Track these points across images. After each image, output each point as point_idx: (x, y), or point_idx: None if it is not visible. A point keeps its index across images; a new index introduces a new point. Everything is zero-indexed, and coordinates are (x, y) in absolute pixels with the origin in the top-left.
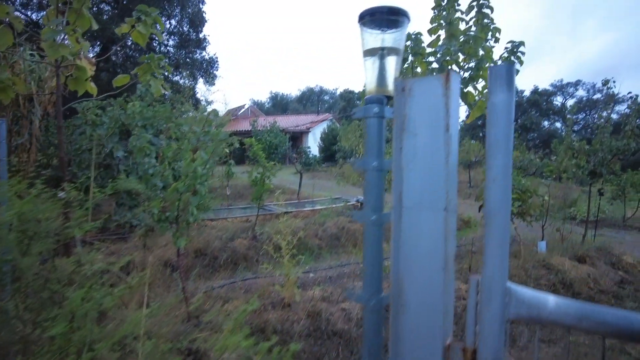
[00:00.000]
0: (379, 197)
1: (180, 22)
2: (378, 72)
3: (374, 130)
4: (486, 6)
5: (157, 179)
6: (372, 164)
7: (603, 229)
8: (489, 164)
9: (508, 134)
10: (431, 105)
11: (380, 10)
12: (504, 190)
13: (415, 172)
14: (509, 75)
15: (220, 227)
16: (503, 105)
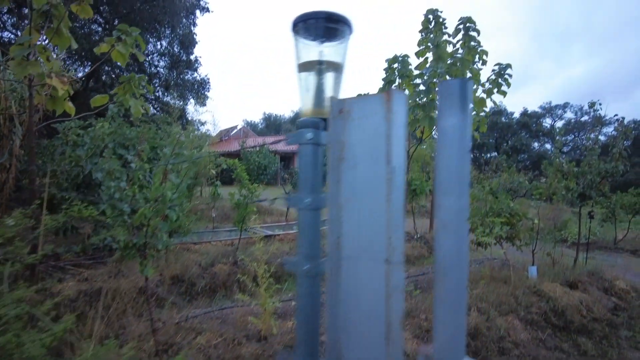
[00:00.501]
0: (314, 241)
1: (171, 43)
2: (315, 91)
3: (307, 159)
4: (473, 29)
5: (124, 203)
6: (305, 200)
7: (594, 251)
8: (438, 205)
9: (462, 167)
10: (372, 131)
11: (316, 17)
12: (458, 239)
13: (356, 212)
14: (463, 94)
15: (202, 251)
16: (455, 130)
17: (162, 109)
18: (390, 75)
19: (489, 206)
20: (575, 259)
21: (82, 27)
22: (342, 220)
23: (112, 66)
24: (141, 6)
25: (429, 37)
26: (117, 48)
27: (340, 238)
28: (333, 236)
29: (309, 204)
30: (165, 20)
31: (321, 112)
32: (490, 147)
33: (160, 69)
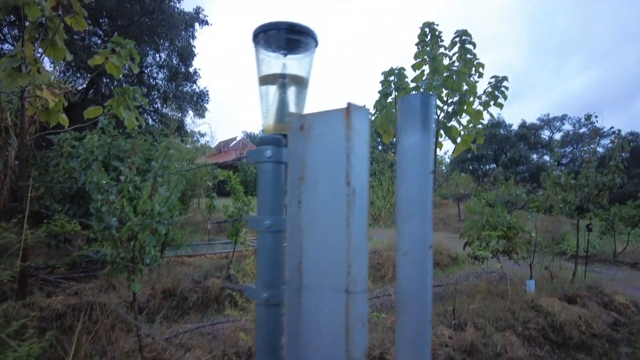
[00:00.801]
0: (274, 268)
1: (170, 55)
2: (277, 106)
3: (267, 178)
4: (469, 42)
5: (112, 216)
6: (265, 222)
7: (594, 264)
8: (399, 231)
9: (424, 190)
10: (333, 149)
11: (277, 27)
12: (421, 269)
13: (317, 236)
14: (425, 110)
15: (196, 264)
16: (416, 149)
17: (160, 121)
18: (386, 87)
19: (485, 219)
20: (574, 273)
21: (82, 39)
22: (303, 245)
23: (110, 78)
24: (140, 19)
25: (425, 49)
26: (111, 60)
27: (301, 264)
28: (293, 262)
29: (268, 227)
30: (164, 33)
31: (283, 128)
32: (488, 159)
33: (159, 81)
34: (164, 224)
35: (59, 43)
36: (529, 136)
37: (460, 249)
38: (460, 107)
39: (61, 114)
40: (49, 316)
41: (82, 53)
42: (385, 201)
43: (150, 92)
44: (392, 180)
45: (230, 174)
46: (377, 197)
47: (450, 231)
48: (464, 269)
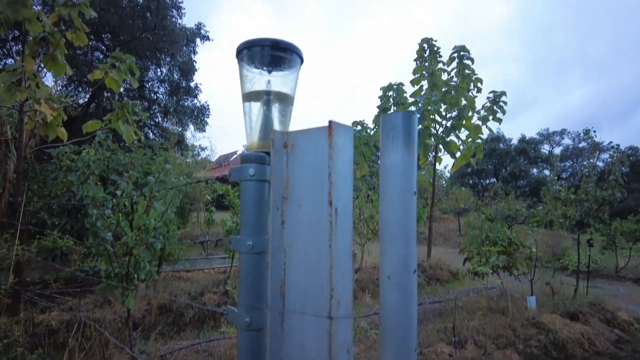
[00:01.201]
0: (257, 290)
1: (171, 70)
2: (262, 123)
3: (250, 197)
4: (467, 57)
5: (107, 231)
6: (247, 243)
7: (595, 279)
8: (383, 253)
9: (407, 211)
10: (316, 168)
11: (261, 44)
12: (405, 293)
13: (300, 257)
14: (408, 128)
15: (193, 280)
16: (398, 168)
17: (161, 135)
18: (385, 102)
19: (485, 234)
20: (575, 289)
21: (85, 54)
22: (286, 267)
23: (112, 92)
24: (142, 34)
25: (424, 65)
26: (111, 75)
27: (284, 287)
28: (275, 285)
29: (251, 247)
30: (165, 48)
31: (267, 145)
32: (488, 174)
33: (160, 95)
34: (160, 239)
35: (60, 58)
36: (529, 151)
37: (461, 264)
38: (459, 122)
39: (60, 127)
40: (42, 332)
41: (85, 68)
42: None
43: (151, 107)
44: None
45: (229, 188)
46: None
47: (450, 246)
48: (464, 284)
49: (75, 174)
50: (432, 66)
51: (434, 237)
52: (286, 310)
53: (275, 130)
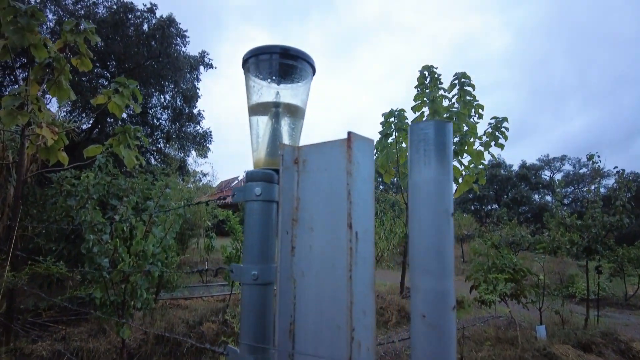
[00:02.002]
0: (262, 327)
1: (174, 97)
2: (269, 138)
3: (255, 220)
4: (468, 84)
5: (104, 257)
6: (252, 272)
7: (605, 308)
8: (415, 287)
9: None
10: (332, 186)
11: (270, 51)
12: (443, 335)
13: (312, 290)
14: (441, 139)
15: (191, 308)
16: (431, 186)
17: (162, 160)
18: (386, 128)
19: (491, 262)
20: (586, 318)
21: (90, 81)
22: (296, 301)
23: (115, 118)
24: (147, 62)
25: (425, 92)
26: (114, 100)
27: (293, 326)
28: (284, 322)
29: (255, 278)
30: (169, 75)
31: (275, 162)
32: (490, 200)
33: (162, 122)
34: (158, 266)
35: (64, 83)
36: (530, 177)
37: (466, 291)
38: (461, 148)
39: (61, 152)
40: None
41: (89, 94)
42: (388, 242)
43: (154, 132)
44: (394, 220)
45: (230, 213)
46: (380, 237)
47: (454, 274)
48: (470, 313)
49: (75, 198)
50: (433, 93)
51: None
52: (297, 353)
53: (284, 145)
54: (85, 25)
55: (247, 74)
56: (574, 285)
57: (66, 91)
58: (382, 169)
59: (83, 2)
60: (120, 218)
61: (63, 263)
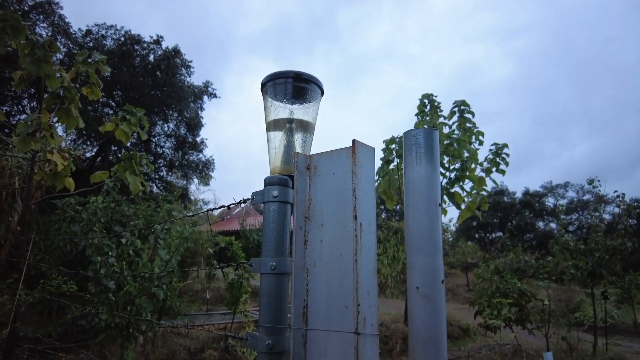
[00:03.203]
0: (278, 312)
1: (178, 125)
2: (284, 149)
3: (272, 218)
4: (467, 111)
5: (110, 280)
6: (269, 264)
7: (614, 336)
8: (410, 265)
9: (433, 222)
10: (339, 187)
11: (285, 76)
12: (434, 304)
13: (323, 276)
14: (429, 143)
15: (193, 336)
16: (422, 181)
17: (165, 188)
18: (388, 154)
19: (495, 286)
20: (594, 345)
21: (95, 110)
22: (309, 288)
23: (118, 146)
24: (151, 91)
25: (425, 119)
26: (121, 127)
27: (307, 308)
28: (298, 305)
29: (273, 268)
30: (173, 105)
31: (290, 169)
32: (494, 227)
33: (165, 150)
34: (162, 289)
35: (74, 111)
36: (533, 204)
37: (471, 320)
38: (462, 174)
39: (68, 177)
40: None
41: (94, 122)
42: (391, 268)
43: (157, 160)
44: (398, 247)
45: (232, 239)
46: (383, 264)
47: (459, 302)
48: (476, 341)
49: (79, 224)
50: (433, 120)
51: None
52: (309, 330)
53: (298, 153)
54: (97, 56)
55: (265, 96)
56: (581, 311)
57: (75, 119)
58: (384, 195)
59: (92, 35)
60: (127, 241)
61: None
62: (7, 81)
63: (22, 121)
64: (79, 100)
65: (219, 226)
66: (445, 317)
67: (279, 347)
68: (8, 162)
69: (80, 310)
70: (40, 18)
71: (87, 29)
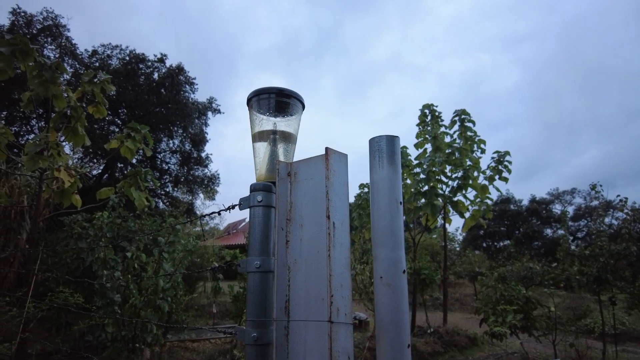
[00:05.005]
0: (263, 307)
1: (183, 141)
2: (269, 158)
3: (257, 221)
4: (468, 120)
5: (116, 293)
6: (255, 263)
7: (625, 343)
8: (375, 257)
9: (394, 218)
10: (316, 191)
11: (269, 92)
12: (396, 292)
13: (302, 272)
14: (391, 149)
15: (199, 350)
16: (385, 182)
17: (171, 204)
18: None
19: (499, 293)
20: (603, 352)
21: (101, 128)
22: (290, 284)
23: (124, 163)
24: (156, 109)
25: (426, 129)
26: (126, 144)
27: (289, 302)
28: (281, 300)
29: (258, 267)
30: (177, 121)
31: (274, 177)
32: (501, 236)
33: (171, 166)
34: (167, 301)
35: (80, 130)
36: (540, 211)
37: (478, 330)
38: (465, 182)
39: (75, 195)
40: None
41: (100, 140)
42: None
43: (163, 176)
44: None
45: (237, 252)
46: None
47: (467, 311)
48: (483, 350)
49: (85, 241)
50: (435, 130)
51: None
52: (291, 321)
53: (280, 161)
54: (103, 75)
55: (250, 110)
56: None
57: (82, 137)
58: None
59: (98, 55)
60: (132, 256)
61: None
62: (15, 102)
63: (31, 140)
64: (85, 119)
65: (225, 240)
66: (407, 303)
67: (264, 339)
68: (17, 180)
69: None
70: (48, 40)
71: (93, 50)
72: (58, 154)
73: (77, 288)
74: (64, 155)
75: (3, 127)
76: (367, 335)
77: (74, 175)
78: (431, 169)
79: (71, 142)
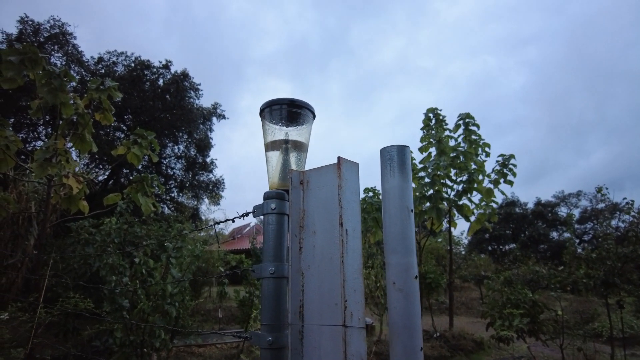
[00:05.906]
0: (278, 312)
1: (188, 147)
2: (281, 166)
3: (271, 228)
4: (472, 124)
5: (124, 298)
6: (269, 269)
7: (634, 347)
8: (387, 263)
9: (405, 225)
10: (328, 199)
11: (280, 103)
12: (408, 297)
13: (316, 278)
14: (401, 158)
15: (205, 355)
16: (396, 191)
17: (176, 209)
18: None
19: (505, 297)
20: (612, 356)
21: (107, 134)
22: (304, 288)
23: (130, 169)
24: (161, 115)
25: (431, 133)
26: (133, 150)
27: (302, 307)
28: (295, 305)
29: (272, 273)
30: (183, 127)
31: (286, 185)
32: (507, 239)
33: (176, 171)
34: (175, 306)
35: (87, 136)
36: (546, 214)
37: (485, 333)
38: (470, 185)
39: (82, 201)
40: None
41: (106, 147)
42: None
43: (168, 182)
44: None
45: (243, 257)
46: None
47: (473, 315)
48: (490, 354)
49: (93, 246)
50: (439, 134)
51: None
52: (305, 326)
53: (292, 170)
54: (109, 82)
55: (263, 120)
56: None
57: (89, 144)
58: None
59: (104, 62)
60: (140, 261)
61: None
62: (23, 109)
63: (40, 148)
64: (92, 126)
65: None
66: (419, 307)
67: (279, 343)
68: (25, 187)
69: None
70: (55, 48)
71: (99, 57)
72: (66, 160)
73: (84, 293)
74: (72, 161)
75: (13, 134)
76: (373, 340)
77: (82, 182)
78: (436, 173)
79: (78, 149)
